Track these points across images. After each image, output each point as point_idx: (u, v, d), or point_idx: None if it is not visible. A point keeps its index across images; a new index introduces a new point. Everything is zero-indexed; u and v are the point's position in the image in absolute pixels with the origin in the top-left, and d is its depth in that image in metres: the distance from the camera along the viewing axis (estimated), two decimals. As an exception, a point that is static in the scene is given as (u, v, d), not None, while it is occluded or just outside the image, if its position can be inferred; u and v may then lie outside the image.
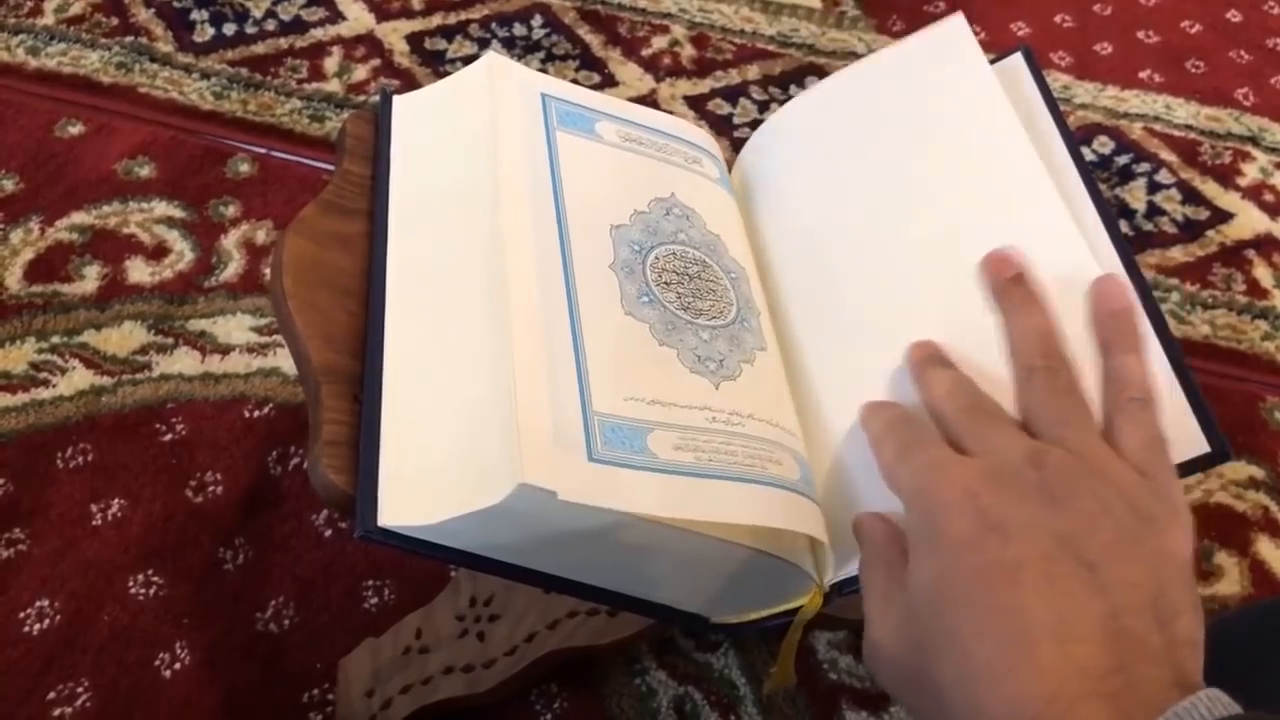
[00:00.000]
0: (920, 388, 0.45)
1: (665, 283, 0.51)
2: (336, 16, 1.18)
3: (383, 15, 1.19)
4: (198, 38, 1.14)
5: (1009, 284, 0.46)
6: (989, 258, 0.47)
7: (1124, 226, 1.04)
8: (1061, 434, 0.40)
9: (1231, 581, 0.81)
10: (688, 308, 0.50)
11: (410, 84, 1.11)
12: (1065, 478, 0.38)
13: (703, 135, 0.62)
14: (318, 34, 1.16)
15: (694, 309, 0.50)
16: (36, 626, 0.73)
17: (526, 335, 0.45)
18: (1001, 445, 0.40)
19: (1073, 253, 0.47)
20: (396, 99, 0.58)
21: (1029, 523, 0.36)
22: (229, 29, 1.15)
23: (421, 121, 0.57)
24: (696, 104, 1.13)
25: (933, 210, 0.52)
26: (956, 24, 0.56)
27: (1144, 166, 1.09)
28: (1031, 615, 0.34)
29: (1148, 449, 0.40)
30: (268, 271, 0.51)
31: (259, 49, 1.14)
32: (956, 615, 0.36)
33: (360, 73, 1.13)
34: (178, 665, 0.72)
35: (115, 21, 1.15)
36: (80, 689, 0.71)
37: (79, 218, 0.96)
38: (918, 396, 0.45)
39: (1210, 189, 1.08)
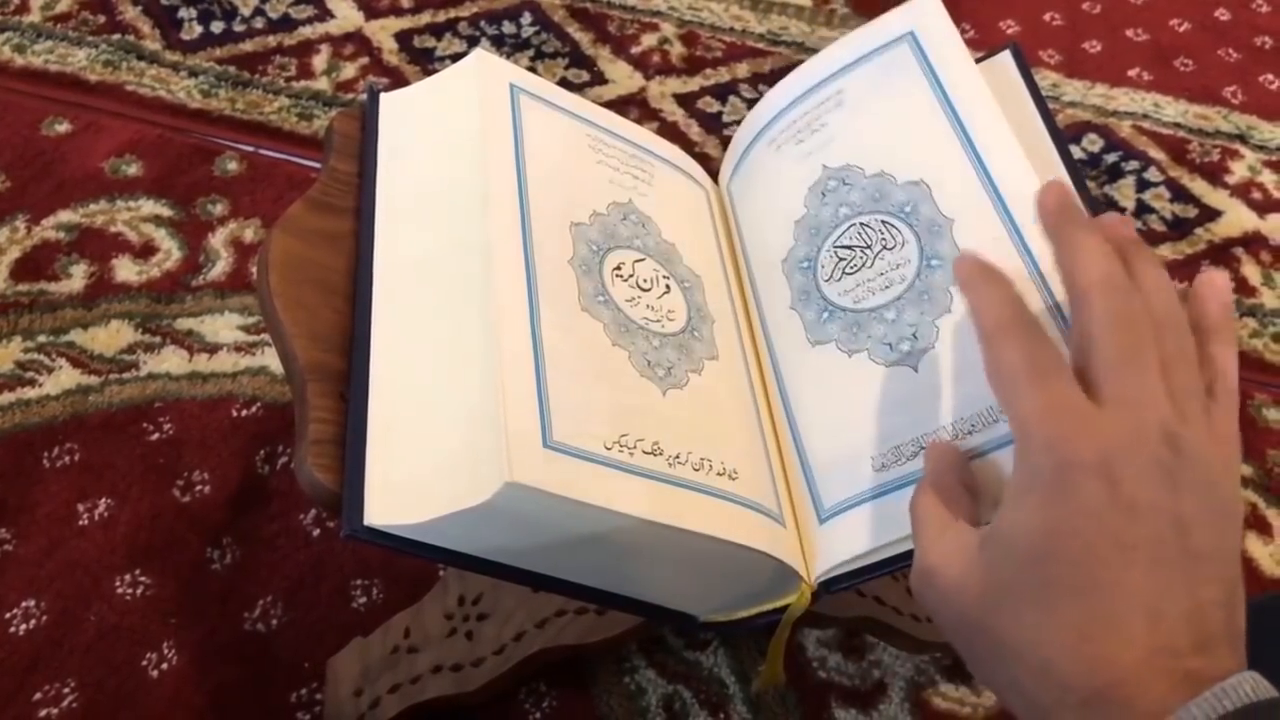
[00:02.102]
0: (1065, 253, 0.40)
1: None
2: (325, 14, 1.18)
3: (371, 13, 1.19)
4: (185, 35, 1.14)
5: (1133, 243, 0.41)
6: (1107, 221, 0.42)
7: (1113, 224, 1.04)
8: (1188, 407, 0.38)
9: (1220, 578, 0.81)
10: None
11: (399, 82, 1.10)
12: (1193, 465, 0.37)
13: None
14: (306, 32, 1.16)
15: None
16: (23, 627, 0.73)
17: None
18: (1144, 402, 0.37)
19: None
20: (384, 96, 0.58)
21: (1154, 506, 0.36)
22: (217, 27, 1.15)
23: (409, 119, 0.57)
24: (686, 102, 1.13)
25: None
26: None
27: (1133, 164, 1.10)
28: (1132, 593, 0.35)
29: (1234, 444, 0.39)
30: (255, 270, 0.50)
31: (247, 47, 1.13)
32: (1058, 572, 0.36)
33: (349, 70, 1.12)
34: (165, 665, 0.72)
35: (102, 19, 1.15)
36: (67, 689, 0.71)
37: (66, 216, 0.96)
38: (1062, 263, 0.40)
39: (1199, 187, 1.08)
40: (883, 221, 0.51)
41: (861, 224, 0.51)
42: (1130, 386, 0.37)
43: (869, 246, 0.51)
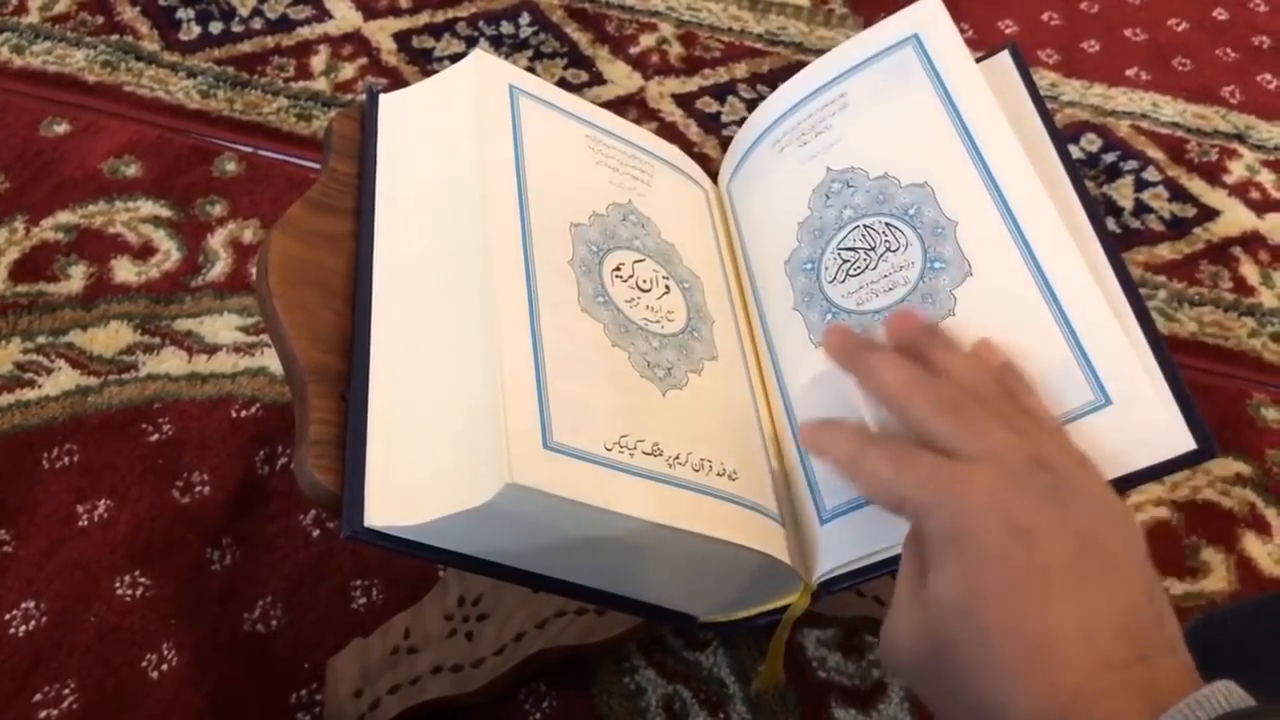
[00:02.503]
0: (864, 378, 0.44)
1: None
2: (324, 15, 1.18)
3: (370, 13, 1.18)
4: (184, 36, 1.14)
5: (925, 332, 0.45)
6: (893, 318, 0.47)
7: (1111, 224, 1.04)
8: (1040, 440, 0.40)
9: (1218, 578, 0.81)
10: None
11: (398, 82, 1.10)
12: (1071, 482, 0.39)
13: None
14: (305, 32, 1.16)
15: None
16: (22, 628, 0.73)
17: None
18: (999, 445, 0.39)
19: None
20: (383, 97, 0.58)
21: (1050, 527, 0.37)
22: (215, 27, 1.15)
23: (408, 120, 0.57)
24: (684, 102, 1.13)
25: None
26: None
27: (1131, 164, 1.10)
28: (1059, 615, 0.36)
29: (1092, 468, 0.41)
30: (254, 271, 0.50)
31: (246, 47, 1.13)
32: (986, 619, 0.37)
33: (348, 71, 1.12)
34: (165, 666, 0.72)
35: (101, 20, 1.14)
36: (67, 690, 0.71)
37: (65, 217, 0.96)
38: (858, 387, 0.44)
39: (1197, 186, 1.08)
40: (886, 224, 0.51)
41: (865, 226, 0.52)
42: (983, 442, 0.40)
43: (873, 248, 0.51)
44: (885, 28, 0.55)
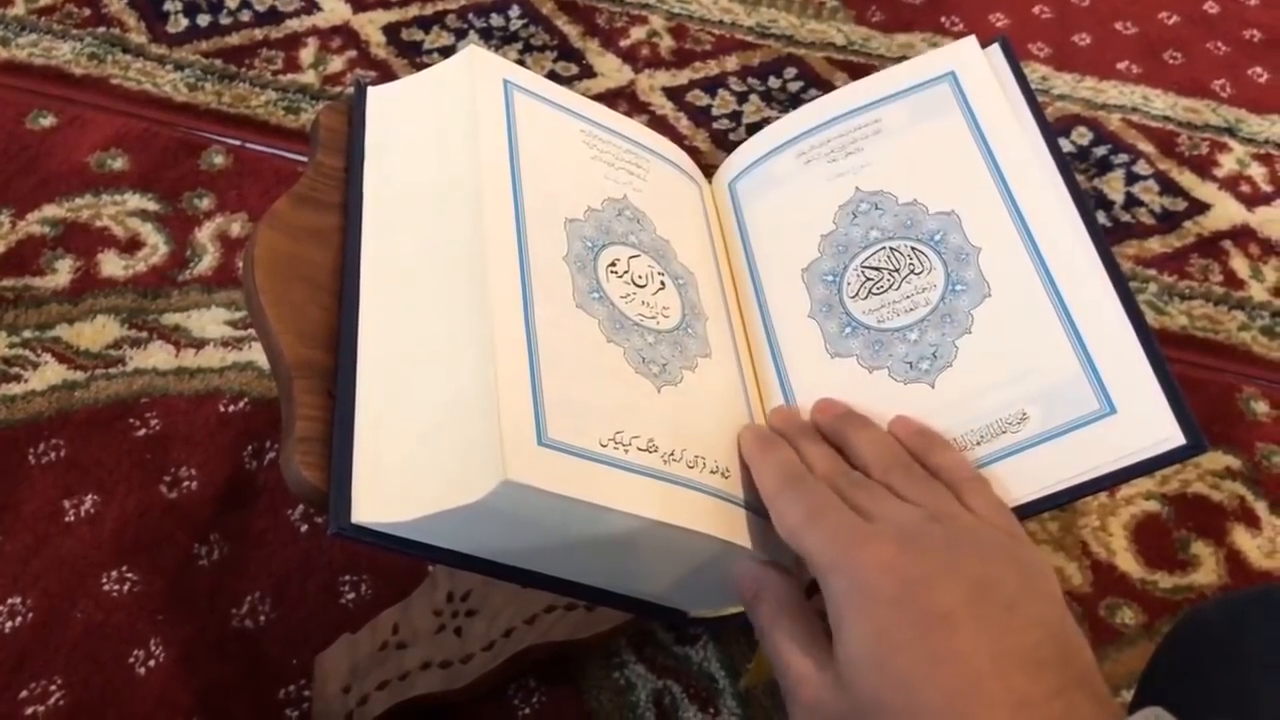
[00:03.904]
0: (802, 455, 0.47)
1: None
2: (312, 7, 1.17)
3: (359, 6, 1.18)
4: (171, 28, 1.13)
5: (842, 417, 0.49)
6: (817, 408, 0.50)
7: (1102, 218, 1.04)
8: (940, 504, 0.43)
9: (1208, 571, 0.81)
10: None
11: (387, 75, 1.10)
12: (962, 532, 0.41)
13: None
14: (293, 25, 1.15)
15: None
16: (8, 624, 0.73)
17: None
18: (895, 511, 0.42)
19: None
20: (371, 91, 0.57)
21: (947, 573, 0.39)
22: (203, 20, 1.14)
23: (397, 114, 0.56)
24: (675, 95, 1.12)
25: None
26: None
27: (1122, 158, 1.10)
28: (973, 656, 0.37)
29: (1002, 512, 0.44)
30: (241, 265, 0.50)
31: (233, 40, 1.13)
32: (903, 666, 0.37)
33: (336, 64, 1.12)
34: (152, 662, 0.72)
35: (87, 12, 1.14)
36: (54, 687, 0.70)
37: (51, 211, 0.95)
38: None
39: (1188, 180, 1.08)
40: (912, 248, 0.53)
41: (891, 248, 0.53)
42: (881, 505, 0.43)
43: (897, 270, 0.53)
44: (925, 63, 0.57)
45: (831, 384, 0.51)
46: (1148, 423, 0.44)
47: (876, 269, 0.53)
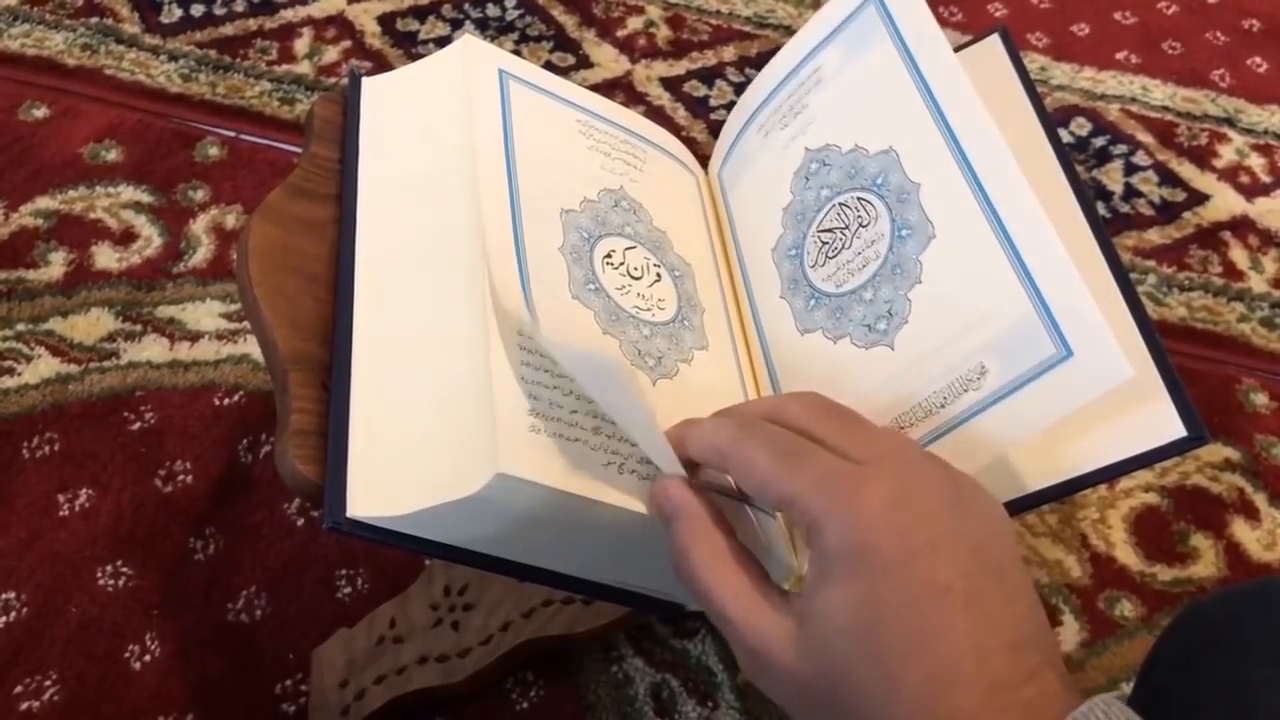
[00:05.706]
0: (733, 467, 0.41)
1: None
2: (307, -3, 1.16)
3: (354, -4, 1.17)
4: (165, 19, 1.12)
5: (735, 438, 0.41)
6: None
7: (1101, 209, 1.03)
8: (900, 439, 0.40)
9: (1207, 564, 0.81)
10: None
11: (382, 66, 1.09)
12: (970, 486, 0.38)
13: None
14: (288, 15, 1.14)
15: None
16: (2, 619, 0.72)
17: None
18: (894, 447, 0.38)
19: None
20: (366, 81, 0.57)
21: (950, 536, 0.36)
22: (197, 10, 1.14)
23: (392, 105, 0.56)
24: (672, 85, 1.12)
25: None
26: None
27: (1121, 148, 1.09)
28: (957, 636, 0.35)
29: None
30: (235, 257, 0.49)
31: (228, 30, 1.12)
32: (885, 642, 0.35)
33: (331, 54, 1.11)
34: (148, 657, 0.71)
35: (80, 2, 1.13)
36: (48, 682, 0.70)
37: (44, 203, 0.95)
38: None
39: (1187, 170, 1.08)
40: (858, 198, 0.50)
41: (840, 204, 0.51)
42: (878, 439, 0.39)
43: (846, 227, 0.50)
44: None
45: (804, 363, 0.50)
46: (1101, 362, 0.41)
47: (830, 230, 0.51)
